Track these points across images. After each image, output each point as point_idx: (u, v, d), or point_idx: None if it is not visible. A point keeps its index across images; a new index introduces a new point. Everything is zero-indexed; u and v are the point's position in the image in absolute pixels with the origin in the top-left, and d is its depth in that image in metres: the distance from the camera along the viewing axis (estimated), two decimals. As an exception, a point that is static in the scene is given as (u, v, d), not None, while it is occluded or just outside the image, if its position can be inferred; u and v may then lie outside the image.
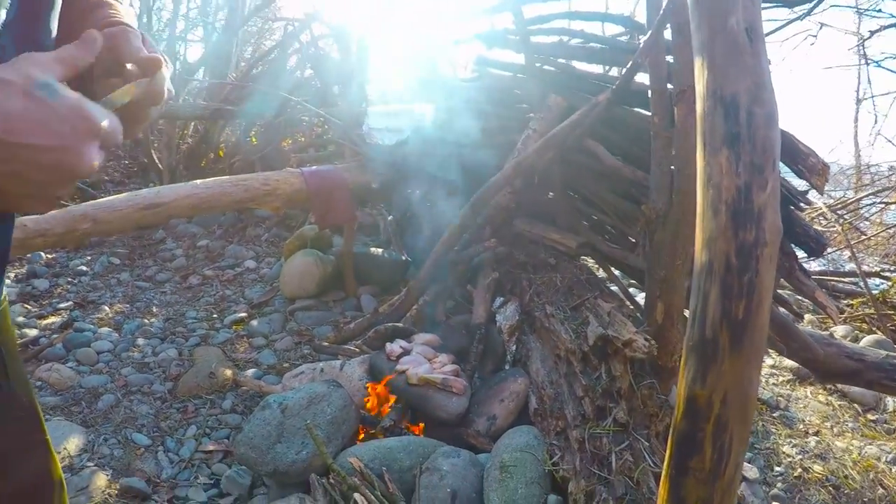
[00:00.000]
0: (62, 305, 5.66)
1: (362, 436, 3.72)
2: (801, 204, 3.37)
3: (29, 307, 5.61)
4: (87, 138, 0.82)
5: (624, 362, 3.39)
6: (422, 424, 3.77)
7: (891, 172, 9.89)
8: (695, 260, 1.77)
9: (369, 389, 3.97)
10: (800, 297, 5.03)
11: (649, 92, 3.80)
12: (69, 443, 3.72)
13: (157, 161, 8.54)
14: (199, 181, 4.72)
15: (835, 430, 4.34)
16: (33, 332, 5.09)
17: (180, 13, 12.75)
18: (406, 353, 4.10)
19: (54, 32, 1.17)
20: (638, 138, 4.18)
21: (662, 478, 1.94)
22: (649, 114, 3.84)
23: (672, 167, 3.59)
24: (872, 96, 10.96)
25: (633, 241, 4.53)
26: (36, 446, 1.54)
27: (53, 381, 4.38)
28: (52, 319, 5.39)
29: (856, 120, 12.72)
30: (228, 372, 4.56)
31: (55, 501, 1.77)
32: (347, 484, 3.06)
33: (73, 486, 3.38)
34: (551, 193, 5.08)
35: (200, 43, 13.33)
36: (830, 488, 3.77)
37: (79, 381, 4.44)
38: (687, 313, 1.82)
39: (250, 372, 4.65)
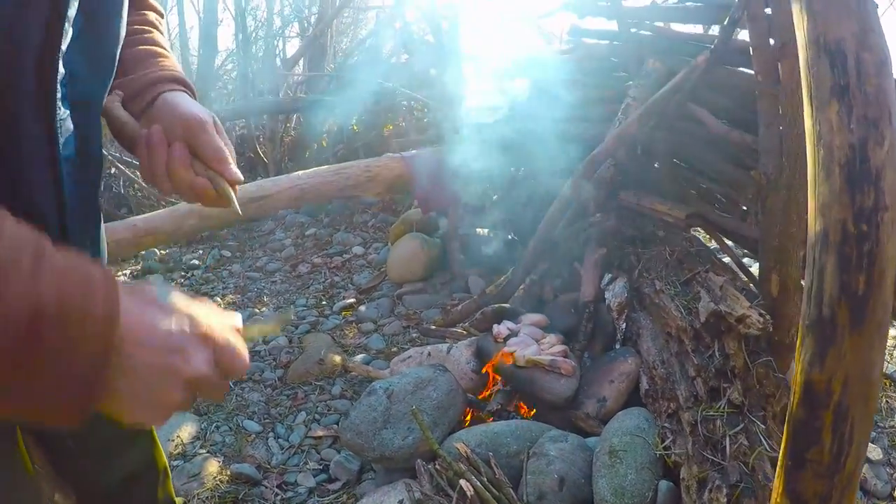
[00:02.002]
0: None
1: (469, 420, 3.64)
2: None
3: None
4: (196, 342, 0.83)
5: (738, 339, 3.16)
6: (528, 409, 3.66)
7: None
8: (808, 229, 1.57)
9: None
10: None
11: (751, 49, 3.52)
12: (182, 431, 3.80)
13: (262, 155, 8.69)
14: (300, 172, 4.75)
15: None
16: None
17: (275, 11, 12.96)
18: (513, 334, 3.97)
19: (121, 41, 1.20)
20: (744, 100, 3.89)
21: (778, 469, 1.75)
22: (753, 72, 3.58)
23: (780, 128, 3.33)
24: None
25: (745, 209, 4.24)
26: (139, 435, 1.64)
27: None
28: None
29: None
30: (337, 358, 4.56)
31: (159, 489, 1.83)
32: (453, 470, 2.99)
33: (186, 472, 3.44)
34: (656, 164, 4.83)
35: (297, 38, 13.49)
36: None
37: None
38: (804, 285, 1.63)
39: (359, 357, 4.65)
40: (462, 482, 2.89)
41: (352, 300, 5.62)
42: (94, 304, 0.70)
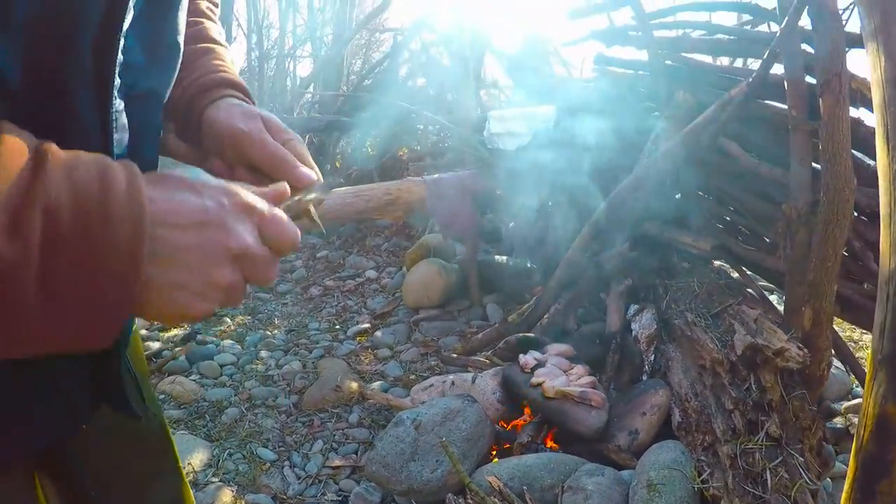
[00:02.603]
0: None
1: (495, 453, 3.65)
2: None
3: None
4: (236, 214, 0.76)
5: (774, 372, 3.24)
6: (557, 441, 3.71)
7: None
8: (882, 266, 1.65)
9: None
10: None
11: (785, 84, 3.63)
12: (193, 457, 3.74)
13: (269, 178, 8.68)
14: None
15: None
16: (156, 345, 5.18)
17: (288, 30, 13.07)
18: (540, 364, 4.01)
19: (182, 30, 1.09)
20: (775, 135, 3.99)
21: (843, 501, 1.83)
22: (786, 107, 3.68)
23: (814, 164, 3.44)
24: None
25: (769, 241, 4.33)
26: (169, 473, 1.51)
27: (177, 393, 4.42)
28: (174, 332, 5.46)
29: None
30: (354, 385, 4.54)
31: None
32: None
33: (199, 501, 3.33)
34: (679, 195, 4.93)
35: (310, 58, 13.61)
36: None
37: (202, 395, 4.47)
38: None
39: (376, 384, 4.63)
40: None
41: (366, 325, 5.63)
42: (114, 196, 0.65)
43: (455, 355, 4.74)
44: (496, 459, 3.54)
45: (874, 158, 3.62)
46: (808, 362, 3.18)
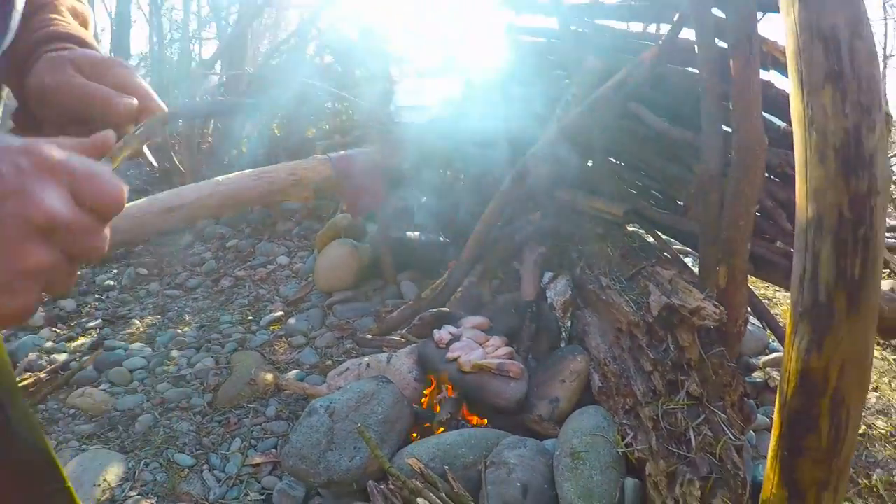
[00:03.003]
0: (91, 325, 5.41)
1: (416, 434, 3.55)
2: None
3: (57, 330, 5.35)
4: (38, 175, 0.62)
5: (691, 331, 3.21)
6: (478, 416, 3.63)
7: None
8: (798, 215, 1.59)
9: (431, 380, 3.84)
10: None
11: (696, 47, 3.60)
12: (108, 473, 3.50)
13: (178, 164, 8.38)
14: (220, 177, 4.56)
15: (893, 384, 4.25)
16: (63, 357, 4.86)
17: (191, 11, 12.62)
18: (456, 339, 3.93)
19: None
20: (686, 97, 3.97)
21: (770, 459, 1.77)
22: (696, 71, 3.67)
23: (726, 127, 3.43)
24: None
25: (682, 204, 4.33)
26: (51, 497, 1.33)
27: (87, 406, 4.14)
28: (81, 341, 5.16)
29: (883, 77, 12.33)
30: (269, 376, 4.38)
31: None
32: (409, 488, 2.88)
33: None
34: (591, 162, 4.89)
35: (215, 39, 13.16)
36: (895, 443, 3.70)
37: (114, 404, 4.20)
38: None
39: (292, 374, 4.46)
40: (419, 500, 2.79)
41: (280, 313, 5.42)
42: None
43: (370, 336, 4.60)
44: (416, 439, 3.44)
45: (785, 121, 3.64)
46: (724, 320, 3.17)
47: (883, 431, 3.68)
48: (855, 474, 3.30)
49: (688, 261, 5.03)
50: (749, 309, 3.83)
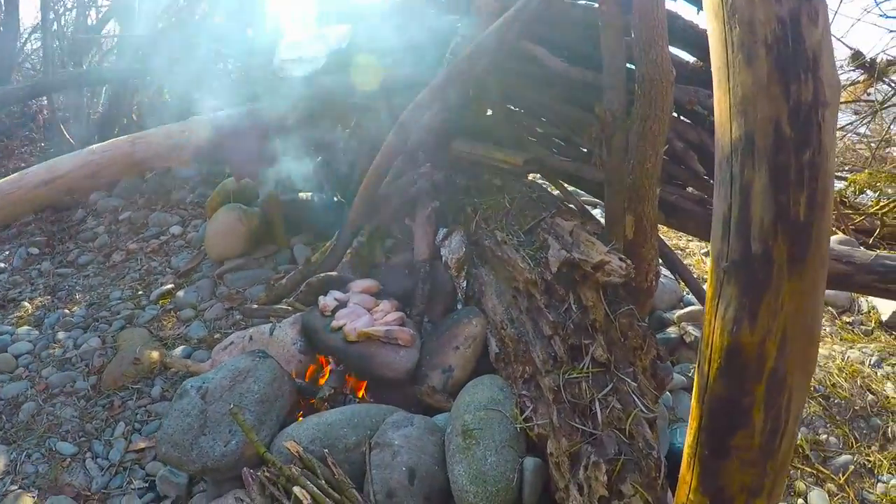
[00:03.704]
0: None
1: (301, 412, 3.13)
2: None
3: None
4: None
5: (595, 289, 2.75)
6: (366, 392, 3.18)
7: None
8: (717, 137, 1.12)
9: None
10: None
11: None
12: None
13: (68, 137, 7.66)
14: (94, 146, 3.96)
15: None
16: None
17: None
18: (342, 305, 3.43)
19: None
20: (585, 34, 3.49)
21: (686, 456, 1.31)
22: (595, 4, 3.23)
23: (629, 65, 2.95)
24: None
25: (586, 150, 3.86)
26: None
27: None
28: None
29: None
30: (155, 354, 3.96)
31: None
32: (285, 475, 2.49)
33: None
34: (490, 111, 4.38)
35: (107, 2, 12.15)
36: (820, 399, 3.42)
37: None
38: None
39: (178, 350, 4.04)
40: (296, 489, 2.43)
41: (170, 286, 4.90)
42: None
43: (256, 306, 4.07)
44: (301, 418, 3.01)
45: (695, 56, 3.21)
46: (632, 274, 2.73)
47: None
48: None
49: (597, 213, 4.58)
50: (661, 261, 3.42)
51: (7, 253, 5.98)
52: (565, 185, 4.15)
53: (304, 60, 4.76)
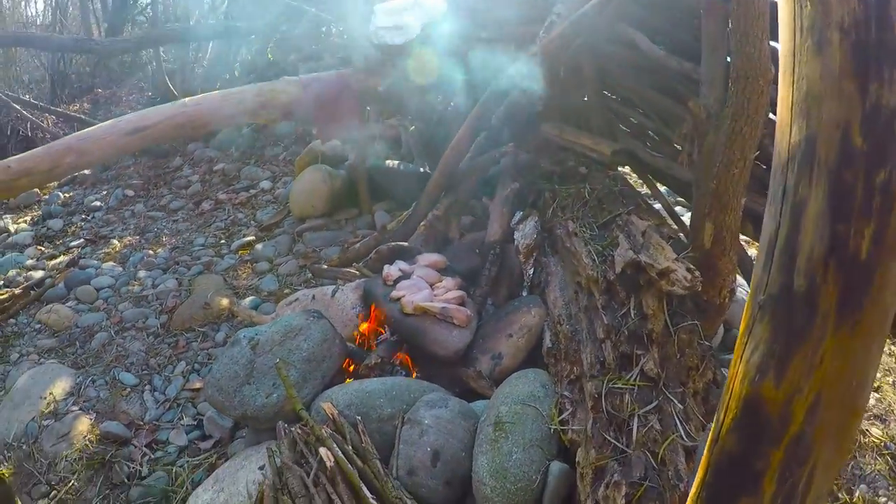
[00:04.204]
0: (74, 244, 5.25)
1: (351, 374, 3.04)
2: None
3: (42, 248, 5.27)
4: None
5: (658, 297, 2.47)
6: (414, 363, 3.03)
7: None
8: (777, 141, 0.88)
9: (360, 320, 3.27)
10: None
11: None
12: (56, 387, 3.40)
13: (172, 88, 7.80)
14: (186, 99, 3.94)
15: (897, 384, 3.36)
16: (39, 274, 4.76)
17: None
18: (405, 276, 3.30)
19: None
20: (685, 20, 3.18)
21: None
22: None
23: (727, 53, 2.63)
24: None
25: (679, 147, 3.53)
26: None
27: (52, 322, 4.09)
28: (61, 259, 5.02)
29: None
30: (224, 301, 4.03)
31: None
32: (315, 435, 2.41)
33: (55, 432, 3.08)
34: (586, 97, 4.09)
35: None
36: (888, 457, 2.81)
37: (76, 321, 4.10)
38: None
39: (247, 301, 4.08)
40: (322, 451, 2.32)
41: (251, 238, 4.96)
42: None
43: (325, 266, 3.99)
44: (349, 381, 2.94)
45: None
46: (698, 287, 2.42)
47: (877, 441, 2.81)
48: (835, 486, 2.53)
49: (687, 218, 4.24)
50: (742, 276, 3.09)
51: (105, 192, 6.32)
52: (655, 181, 3.84)
53: (399, 27, 4.57)
